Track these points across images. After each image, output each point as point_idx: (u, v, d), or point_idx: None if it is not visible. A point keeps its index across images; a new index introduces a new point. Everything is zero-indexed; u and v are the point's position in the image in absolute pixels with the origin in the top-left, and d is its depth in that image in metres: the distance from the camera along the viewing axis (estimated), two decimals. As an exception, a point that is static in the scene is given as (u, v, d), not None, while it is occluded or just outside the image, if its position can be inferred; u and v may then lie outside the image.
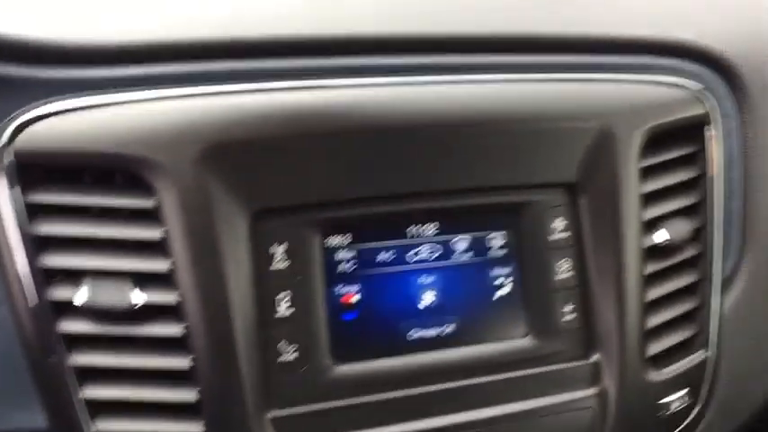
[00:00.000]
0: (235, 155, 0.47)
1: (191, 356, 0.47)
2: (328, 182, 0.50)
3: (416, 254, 0.54)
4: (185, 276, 0.46)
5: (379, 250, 0.53)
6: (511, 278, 0.56)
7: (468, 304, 0.55)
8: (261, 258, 0.49)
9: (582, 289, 0.57)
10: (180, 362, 0.47)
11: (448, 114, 0.52)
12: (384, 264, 0.53)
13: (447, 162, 0.53)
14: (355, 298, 0.52)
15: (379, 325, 0.53)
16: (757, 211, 0.64)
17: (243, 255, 0.48)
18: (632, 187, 0.56)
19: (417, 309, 0.54)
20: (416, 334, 0.53)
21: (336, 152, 0.49)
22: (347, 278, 0.52)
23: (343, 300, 0.52)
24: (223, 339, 0.47)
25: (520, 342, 0.56)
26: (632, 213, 0.56)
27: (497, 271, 0.56)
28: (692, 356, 0.60)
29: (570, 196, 0.56)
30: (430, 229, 0.54)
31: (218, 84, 0.48)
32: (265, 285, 0.49)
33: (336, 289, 0.52)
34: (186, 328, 0.47)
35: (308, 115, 0.48)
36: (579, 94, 0.56)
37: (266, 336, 0.49)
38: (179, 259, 0.46)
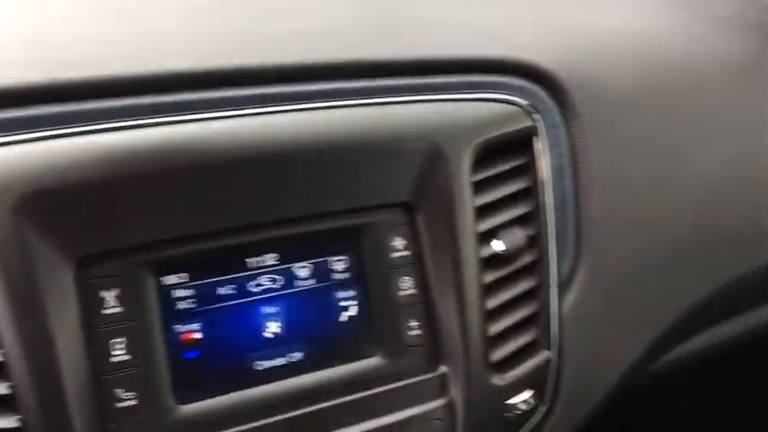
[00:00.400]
0: (52, 202, 0.46)
1: (18, 416, 0.45)
2: (157, 221, 0.49)
3: (258, 285, 0.54)
4: (8, 333, 0.45)
5: (218, 285, 0.52)
6: (355, 300, 0.57)
7: (314, 330, 0.56)
8: (91, 306, 0.48)
9: (425, 304, 0.59)
10: (7, 422, 0.45)
11: (277, 144, 0.53)
12: (225, 298, 0.53)
13: (280, 191, 0.53)
14: (197, 335, 0.52)
15: (223, 360, 0.52)
16: (589, 216, 0.68)
17: (70, 304, 0.47)
18: (466, 201, 0.59)
19: (263, 339, 0.54)
20: (264, 365, 0.54)
21: (162, 190, 0.49)
22: (186, 316, 0.51)
23: (183, 338, 0.51)
24: (53, 394, 0.45)
25: (368, 362, 0.57)
26: (468, 226, 0.59)
27: (342, 294, 0.57)
28: (535, 358, 0.63)
29: (407, 215, 0.58)
30: (270, 259, 0.54)
31: (30, 130, 0.46)
32: (97, 333, 0.48)
33: (176, 328, 0.51)
34: (12, 386, 0.45)
35: (127, 156, 0.48)
36: (408, 116, 0.58)
37: (102, 384, 0.48)
38: (0, 316, 0.45)
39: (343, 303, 0.57)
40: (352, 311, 0.57)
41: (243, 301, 0.53)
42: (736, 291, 0.80)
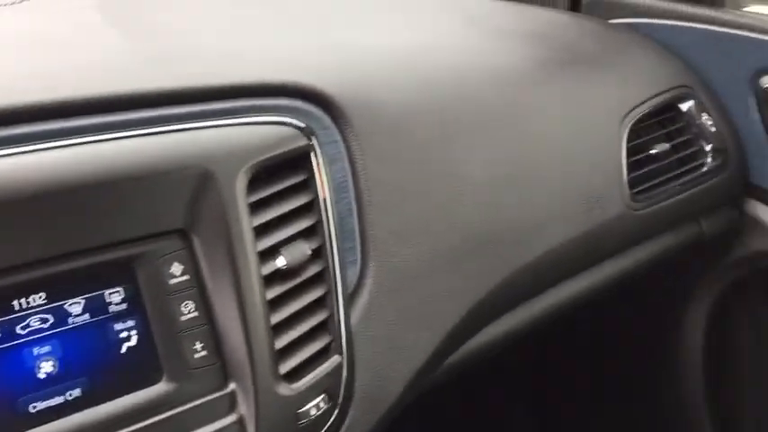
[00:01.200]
0: None
1: None
2: None
3: (26, 326, 0.53)
4: None
5: (-19, 330, 0.52)
6: (135, 330, 0.58)
7: (93, 364, 0.56)
8: None
9: (210, 326, 0.60)
10: None
11: (40, 182, 0.53)
12: (-10, 343, 0.52)
13: (45, 229, 0.53)
14: (-40, 385, 0.50)
15: (-7, 406, 0.52)
16: (373, 225, 0.73)
17: None
18: (242, 222, 0.61)
19: (37, 381, 0.53)
20: (38, 406, 0.53)
21: None
22: (-53, 366, 0.50)
23: (-55, 389, 0.50)
24: None
25: (153, 389, 0.58)
26: (246, 247, 0.61)
27: (120, 326, 0.57)
28: (326, 364, 0.66)
29: (184, 241, 0.60)
30: (39, 299, 0.54)
31: None
32: None
33: (-64, 379, 0.50)
34: None
35: None
36: (177, 145, 0.60)
37: None
38: None
39: (122, 335, 0.57)
40: (133, 341, 0.57)
41: (11, 344, 0.52)
42: (524, 279, 0.88)
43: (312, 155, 0.68)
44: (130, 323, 0.57)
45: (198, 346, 0.60)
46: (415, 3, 1.04)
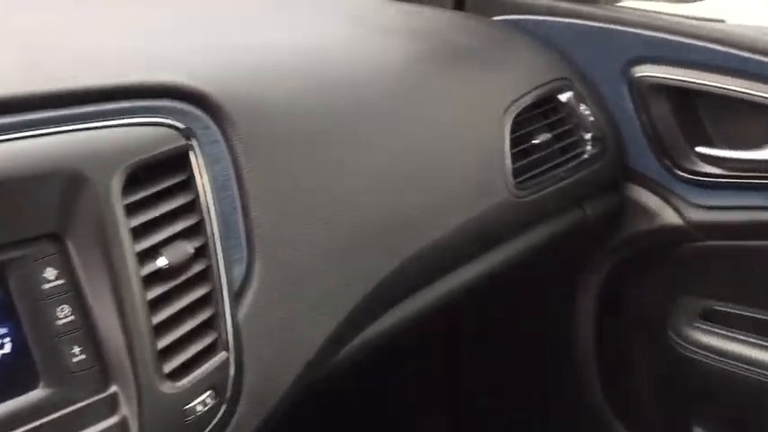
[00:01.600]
0: None
1: None
2: None
3: None
4: None
5: None
6: (9, 336, 0.57)
7: (-37, 373, 0.55)
8: None
9: (88, 329, 0.60)
10: None
11: None
12: None
13: None
14: None
15: None
16: (259, 222, 0.73)
17: None
18: (118, 224, 0.61)
19: None
20: None
21: None
22: None
23: None
24: None
25: (30, 395, 0.57)
26: (123, 248, 0.61)
27: (-7, 332, 0.56)
28: (212, 360, 0.67)
29: (57, 245, 0.59)
30: None
31: None
32: None
33: None
34: None
35: None
36: (45, 148, 0.59)
37: None
38: None
39: (-5, 342, 0.56)
40: (7, 348, 0.57)
41: None
42: (415, 267, 0.90)
43: (191, 155, 0.68)
44: (3, 330, 0.57)
45: (76, 349, 0.59)
46: (301, 2, 1.06)
